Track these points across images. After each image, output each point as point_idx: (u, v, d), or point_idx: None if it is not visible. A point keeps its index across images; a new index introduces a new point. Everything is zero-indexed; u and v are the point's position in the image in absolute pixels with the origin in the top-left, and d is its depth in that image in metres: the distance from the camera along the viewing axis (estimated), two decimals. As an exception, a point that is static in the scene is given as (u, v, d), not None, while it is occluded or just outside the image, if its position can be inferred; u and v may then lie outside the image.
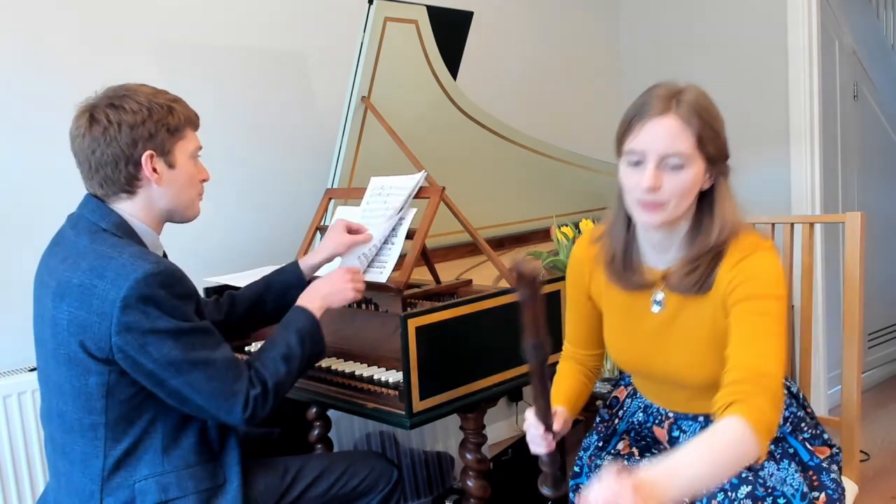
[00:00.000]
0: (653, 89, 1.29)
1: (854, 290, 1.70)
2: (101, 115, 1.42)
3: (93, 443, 1.43)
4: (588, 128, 3.66)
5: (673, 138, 1.24)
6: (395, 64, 2.31)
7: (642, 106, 1.27)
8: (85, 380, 1.40)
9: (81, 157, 1.45)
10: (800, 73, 3.18)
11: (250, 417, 1.44)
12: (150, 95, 1.45)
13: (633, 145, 1.26)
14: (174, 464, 1.46)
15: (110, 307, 1.35)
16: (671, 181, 1.24)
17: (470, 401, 1.81)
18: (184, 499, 1.46)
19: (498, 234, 2.76)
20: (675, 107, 1.24)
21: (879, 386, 3.84)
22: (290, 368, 1.51)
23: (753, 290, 1.25)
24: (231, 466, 1.53)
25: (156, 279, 1.36)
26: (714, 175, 1.30)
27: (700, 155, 1.25)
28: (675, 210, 1.27)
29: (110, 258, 1.38)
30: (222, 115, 2.53)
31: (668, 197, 1.25)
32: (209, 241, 2.49)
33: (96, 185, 1.46)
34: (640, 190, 1.25)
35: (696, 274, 1.30)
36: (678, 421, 1.47)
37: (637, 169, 1.26)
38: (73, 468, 1.46)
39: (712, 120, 1.27)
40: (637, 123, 1.26)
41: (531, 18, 3.43)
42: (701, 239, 1.30)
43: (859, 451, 1.73)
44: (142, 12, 2.37)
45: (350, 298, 1.67)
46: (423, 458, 2.59)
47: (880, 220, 3.75)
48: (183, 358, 1.38)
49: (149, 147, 1.43)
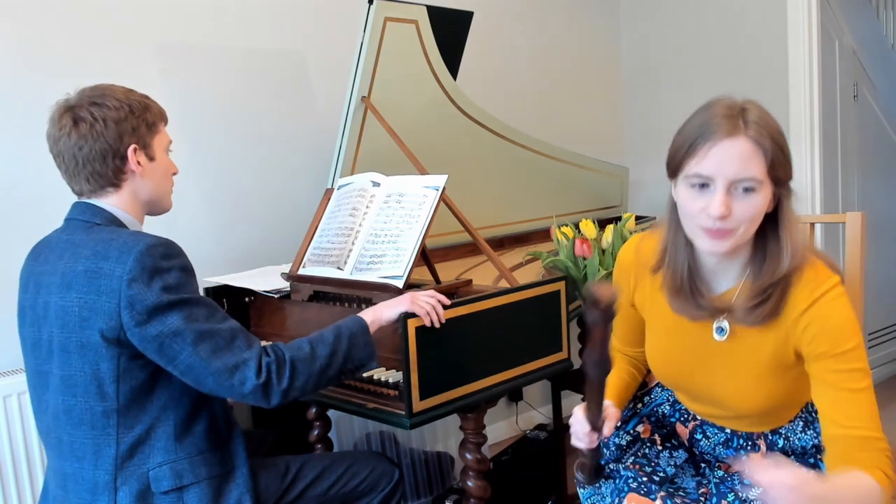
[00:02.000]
0: (712, 107, 1.22)
1: (854, 291, 1.70)
2: (84, 114, 1.47)
3: (105, 431, 1.45)
4: (588, 128, 3.67)
5: (745, 162, 1.17)
6: (395, 64, 2.30)
7: (706, 126, 1.19)
8: (97, 366, 1.43)
9: (67, 155, 1.49)
10: (800, 73, 3.18)
11: (264, 387, 1.42)
12: (126, 93, 1.53)
13: (700, 169, 1.18)
14: (187, 451, 1.50)
15: (118, 283, 1.39)
16: (741, 207, 1.18)
17: (470, 401, 1.81)
18: (197, 485, 1.49)
19: (498, 234, 2.76)
20: (745, 128, 1.18)
21: (879, 386, 3.82)
22: (316, 353, 1.50)
23: (838, 347, 1.20)
24: (238, 453, 1.57)
25: (158, 250, 1.42)
26: (778, 197, 1.23)
27: (769, 177, 1.19)
28: (744, 237, 1.21)
29: (110, 241, 1.44)
30: (222, 115, 2.53)
31: (737, 224, 1.19)
32: (209, 241, 2.49)
33: (83, 181, 1.51)
34: (708, 217, 1.19)
35: (766, 306, 1.24)
36: (704, 426, 1.45)
37: (702, 193, 1.19)
38: (83, 465, 1.47)
39: (782, 141, 1.21)
40: (702, 145, 1.18)
41: (531, 18, 3.43)
42: (770, 266, 1.24)
43: (859, 452, 1.72)
44: (141, 12, 2.37)
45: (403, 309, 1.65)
46: (423, 458, 2.59)
47: (880, 220, 3.75)
48: (188, 328, 1.40)
49: (132, 141, 1.51)
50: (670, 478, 1.41)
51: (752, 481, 1.08)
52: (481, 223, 2.39)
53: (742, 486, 1.31)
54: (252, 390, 1.42)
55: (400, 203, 1.96)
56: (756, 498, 1.28)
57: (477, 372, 1.82)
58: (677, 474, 1.42)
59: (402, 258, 1.86)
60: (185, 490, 1.48)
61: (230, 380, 1.42)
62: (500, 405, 3.27)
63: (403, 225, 1.92)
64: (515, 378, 1.92)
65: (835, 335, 1.20)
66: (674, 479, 1.41)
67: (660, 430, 1.51)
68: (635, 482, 1.37)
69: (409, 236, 1.88)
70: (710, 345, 1.33)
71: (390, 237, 1.92)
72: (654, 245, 1.37)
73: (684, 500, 1.32)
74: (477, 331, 1.82)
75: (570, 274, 2.30)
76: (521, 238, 2.84)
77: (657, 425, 1.53)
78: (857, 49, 3.65)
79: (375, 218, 1.99)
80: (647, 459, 1.44)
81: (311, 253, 2.10)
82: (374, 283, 1.87)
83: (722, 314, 1.31)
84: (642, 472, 1.40)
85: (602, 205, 3.16)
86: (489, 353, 1.85)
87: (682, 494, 1.34)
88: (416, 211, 1.92)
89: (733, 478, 1.36)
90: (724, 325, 1.30)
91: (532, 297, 1.94)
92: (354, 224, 2.03)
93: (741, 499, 1.31)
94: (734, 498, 1.31)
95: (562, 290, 2.02)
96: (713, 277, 1.31)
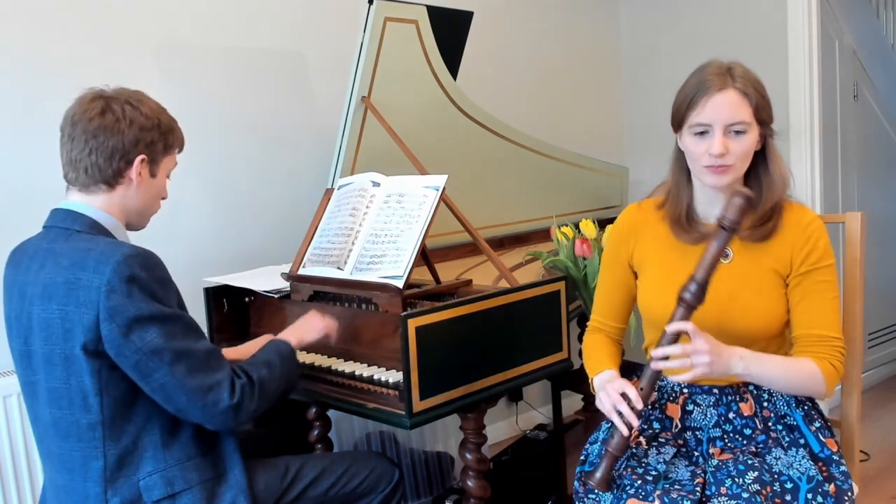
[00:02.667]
0: (705, 68, 1.47)
1: (854, 291, 1.70)
2: (117, 107, 1.48)
3: (91, 444, 1.43)
4: (588, 128, 3.66)
5: (735, 109, 1.42)
6: (395, 64, 2.30)
7: (702, 83, 1.45)
8: (80, 378, 1.41)
9: (79, 138, 1.47)
10: (800, 73, 3.18)
11: (236, 408, 1.45)
12: (160, 109, 1.55)
13: (700, 119, 1.44)
14: (176, 457, 1.49)
15: (96, 295, 1.38)
16: (735, 146, 1.43)
17: (470, 401, 1.81)
18: (189, 491, 1.48)
19: (498, 234, 2.76)
20: (732, 81, 1.43)
21: (879, 386, 3.84)
22: (272, 374, 1.57)
23: (824, 262, 1.47)
24: (230, 455, 1.56)
25: (136, 260, 1.41)
26: (764, 137, 1.49)
27: (755, 120, 1.45)
28: (740, 170, 1.47)
29: (88, 250, 1.42)
30: (222, 115, 2.53)
31: (734, 159, 1.44)
32: (209, 241, 2.50)
33: (81, 170, 1.49)
34: (710, 157, 1.43)
35: (767, 225, 1.48)
36: (692, 395, 1.53)
37: (703, 138, 1.45)
38: (73, 478, 1.46)
39: (762, 89, 1.47)
40: (700, 98, 1.44)
41: (531, 18, 3.43)
42: (767, 193, 1.49)
43: (859, 451, 1.73)
44: (142, 12, 2.37)
45: (320, 333, 1.82)
46: (423, 458, 2.59)
47: (880, 220, 3.75)
48: (166, 346, 1.40)
49: (144, 152, 1.51)
50: (663, 474, 1.43)
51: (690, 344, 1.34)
52: (481, 223, 2.39)
53: (738, 471, 1.36)
54: (224, 410, 1.45)
55: (400, 203, 1.96)
56: (754, 481, 1.34)
57: (477, 372, 1.82)
58: (669, 469, 1.45)
59: (402, 258, 1.86)
60: (177, 497, 1.47)
61: (204, 399, 1.43)
62: (500, 405, 3.27)
63: (403, 225, 1.92)
64: (515, 378, 1.92)
65: (822, 252, 1.48)
66: (667, 474, 1.44)
67: (645, 433, 1.54)
68: (632, 487, 1.40)
69: (409, 236, 1.88)
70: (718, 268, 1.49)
71: (390, 237, 1.92)
72: (654, 200, 1.62)
73: (680, 493, 1.36)
74: (477, 331, 1.82)
75: (570, 274, 2.30)
76: (521, 238, 2.84)
77: (643, 427, 1.56)
78: (857, 49, 3.65)
79: (375, 218, 1.99)
80: (637, 460, 1.47)
81: (311, 253, 2.10)
82: (374, 283, 1.87)
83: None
84: (636, 475, 1.42)
85: (602, 205, 3.16)
86: (489, 353, 1.85)
87: (677, 488, 1.38)
88: (416, 211, 1.92)
89: (727, 464, 1.40)
90: (729, 250, 1.51)
91: (532, 297, 1.94)
92: (354, 224, 2.03)
93: (739, 484, 1.34)
94: (731, 483, 1.34)
95: (562, 290, 2.02)
96: (710, 210, 1.53)
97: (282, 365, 1.60)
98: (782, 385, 1.46)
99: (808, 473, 1.38)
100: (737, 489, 1.33)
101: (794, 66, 3.20)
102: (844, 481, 1.42)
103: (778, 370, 1.43)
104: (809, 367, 1.44)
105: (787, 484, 1.37)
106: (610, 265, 1.66)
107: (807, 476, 1.38)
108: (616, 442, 1.39)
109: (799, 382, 1.45)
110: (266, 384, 1.53)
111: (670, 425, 1.54)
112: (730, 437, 1.49)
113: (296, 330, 1.78)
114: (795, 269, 1.48)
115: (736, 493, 1.32)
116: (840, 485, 1.41)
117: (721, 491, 1.34)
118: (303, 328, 1.79)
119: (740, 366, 1.39)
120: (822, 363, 1.44)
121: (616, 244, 1.65)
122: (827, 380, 1.43)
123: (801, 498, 1.35)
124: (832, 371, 1.44)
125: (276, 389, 1.56)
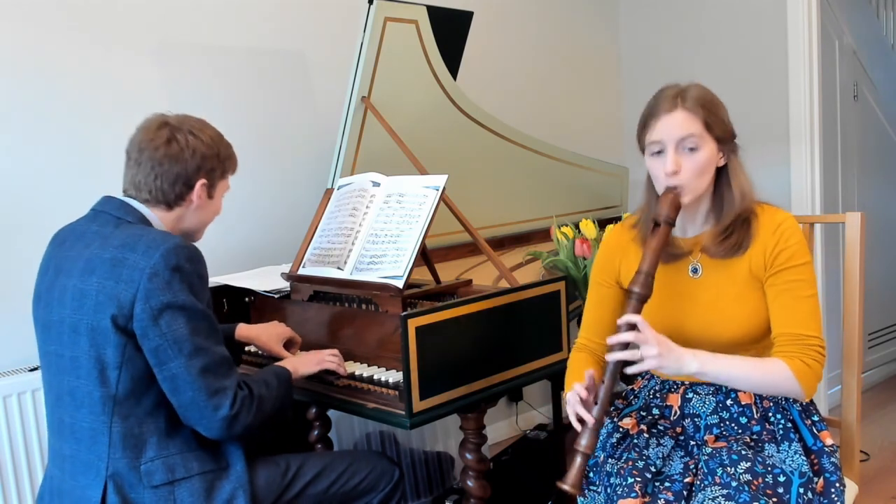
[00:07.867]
0: (661, 92, 1.52)
1: (854, 290, 1.70)
2: (182, 137, 1.59)
3: (100, 417, 1.48)
4: (588, 128, 3.67)
5: (682, 125, 1.46)
6: (395, 64, 2.31)
7: (654, 106, 1.51)
8: (103, 350, 1.47)
9: (146, 164, 1.57)
10: (800, 73, 3.18)
11: (233, 418, 1.50)
12: (219, 137, 1.67)
13: (653, 137, 1.50)
14: (178, 447, 1.53)
15: (139, 275, 1.45)
16: (688, 162, 1.47)
17: (470, 401, 1.81)
18: (189, 479, 1.52)
19: (498, 234, 2.76)
20: (682, 102, 1.47)
21: (879, 386, 3.84)
22: (270, 394, 1.62)
23: (794, 261, 1.47)
24: (233, 451, 1.60)
25: (184, 251, 1.49)
26: (726, 153, 1.51)
27: (709, 136, 1.47)
28: (697, 188, 1.48)
29: (140, 235, 1.51)
30: (222, 115, 2.51)
31: (688, 177, 1.46)
32: (209, 241, 2.47)
33: (145, 191, 1.59)
34: (666, 176, 1.47)
35: (731, 240, 1.50)
36: (693, 385, 1.55)
37: (660, 158, 1.49)
38: (79, 447, 1.50)
39: (714, 107, 1.49)
40: (651, 120, 1.50)
41: (531, 19, 3.43)
42: (727, 208, 1.51)
43: (859, 451, 1.73)
44: (142, 12, 2.37)
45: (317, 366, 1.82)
46: (423, 458, 2.59)
47: (880, 220, 3.76)
48: (189, 338, 1.46)
49: (205, 177, 1.62)
50: (659, 470, 1.45)
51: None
52: (481, 223, 2.39)
53: (731, 461, 1.38)
54: (222, 417, 1.49)
55: (400, 203, 1.97)
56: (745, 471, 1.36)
57: (477, 372, 1.82)
58: (665, 464, 1.46)
59: (402, 258, 1.86)
60: (177, 484, 1.51)
61: (209, 401, 1.48)
62: (500, 405, 3.27)
63: (403, 225, 1.92)
64: (515, 378, 1.92)
65: (792, 251, 1.48)
66: (661, 469, 1.45)
67: (644, 420, 1.56)
68: (622, 488, 1.41)
69: (410, 236, 1.88)
70: (688, 284, 1.56)
71: (390, 237, 1.92)
72: (634, 216, 1.68)
73: (669, 490, 1.38)
74: (477, 331, 1.82)
75: (570, 274, 2.30)
76: (521, 238, 2.85)
77: (642, 415, 1.58)
78: (857, 49, 3.65)
79: (375, 218, 1.99)
80: (638, 451, 1.48)
81: (311, 253, 2.10)
82: (374, 283, 1.87)
83: (694, 255, 1.56)
84: (635, 470, 1.43)
85: (602, 205, 3.16)
86: (489, 352, 1.85)
87: (667, 485, 1.40)
88: (416, 211, 1.92)
89: (720, 453, 1.41)
90: (698, 265, 1.55)
91: (532, 297, 1.94)
92: (354, 224, 2.03)
93: (730, 474, 1.35)
94: (722, 472, 1.36)
95: (562, 290, 2.02)
96: (680, 225, 1.56)
97: (279, 387, 1.65)
98: (746, 384, 1.45)
99: (801, 469, 1.39)
100: (727, 478, 1.35)
101: (794, 65, 3.20)
102: (833, 472, 1.43)
103: (738, 370, 1.42)
104: (777, 367, 1.42)
105: (780, 477, 1.37)
106: (598, 283, 1.67)
107: (799, 471, 1.39)
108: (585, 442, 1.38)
109: (765, 382, 1.43)
110: (264, 401, 1.58)
111: (670, 413, 1.56)
112: (726, 424, 1.50)
113: (293, 360, 1.82)
114: (768, 270, 1.48)
115: (726, 482, 1.34)
116: (828, 476, 1.42)
117: (715, 480, 1.36)
118: (302, 360, 1.82)
119: (694, 363, 1.39)
120: (793, 362, 1.41)
121: (603, 262, 1.67)
122: (800, 379, 1.41)
123: (793, 492, 1.36)
124: (804, 369, 1.41)
125: (270, 409, 1.61)
